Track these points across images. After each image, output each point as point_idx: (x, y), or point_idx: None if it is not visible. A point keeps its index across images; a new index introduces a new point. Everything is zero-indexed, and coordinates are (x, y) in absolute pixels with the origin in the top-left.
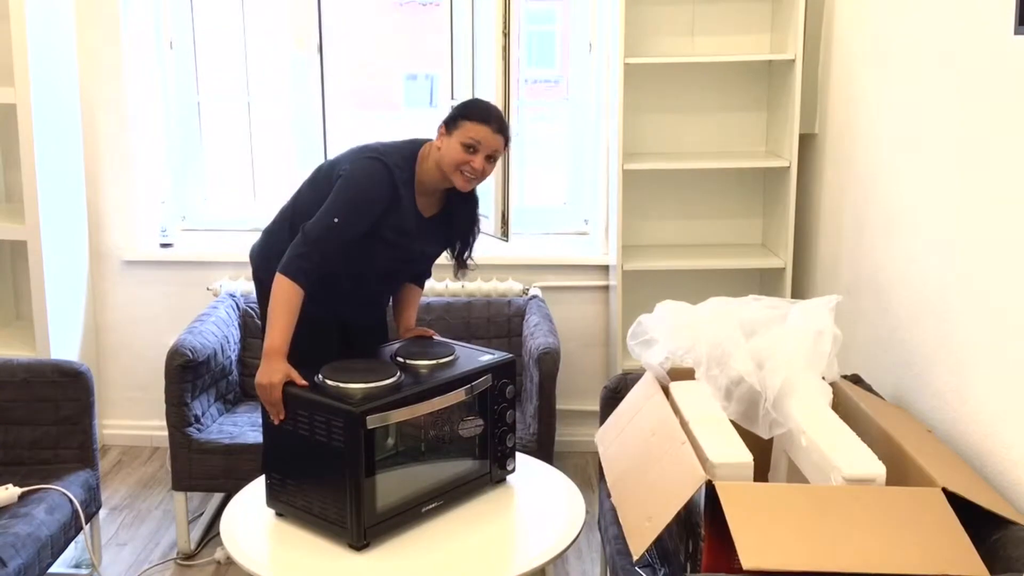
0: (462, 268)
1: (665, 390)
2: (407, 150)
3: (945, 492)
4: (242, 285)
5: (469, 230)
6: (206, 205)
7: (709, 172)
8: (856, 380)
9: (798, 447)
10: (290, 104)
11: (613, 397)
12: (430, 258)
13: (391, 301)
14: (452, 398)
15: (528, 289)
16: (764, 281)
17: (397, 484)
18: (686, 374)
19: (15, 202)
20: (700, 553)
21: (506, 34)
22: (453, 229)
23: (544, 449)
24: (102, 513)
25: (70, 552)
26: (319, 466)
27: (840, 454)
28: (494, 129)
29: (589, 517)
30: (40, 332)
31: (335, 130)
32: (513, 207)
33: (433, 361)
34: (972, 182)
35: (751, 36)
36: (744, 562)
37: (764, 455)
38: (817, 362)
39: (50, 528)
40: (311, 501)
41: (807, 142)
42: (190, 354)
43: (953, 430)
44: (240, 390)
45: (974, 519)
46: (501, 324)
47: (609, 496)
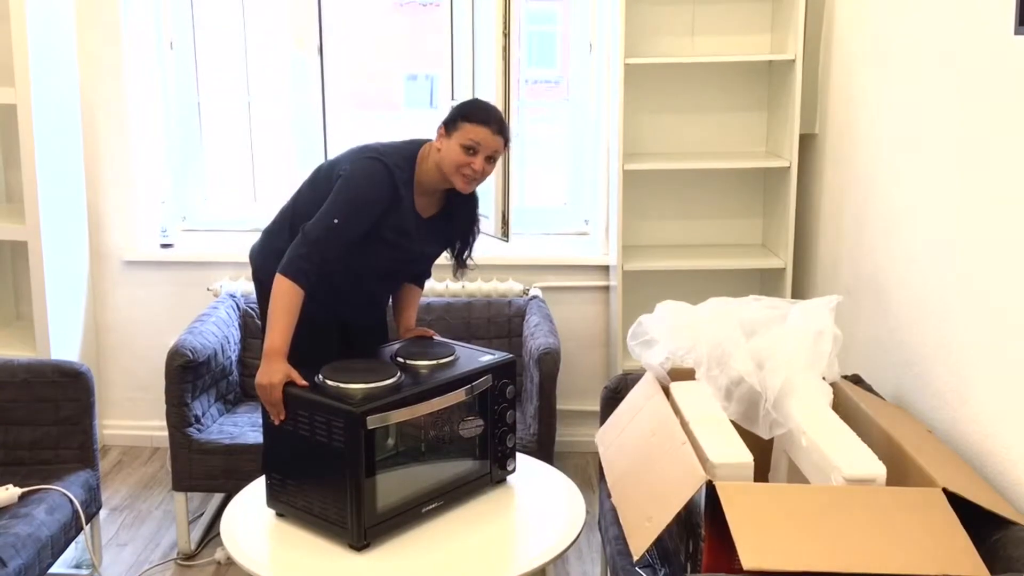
0: (462, 268)
1: (665, 390)
2: (407, 150)
3: (945, 492)
4: (242, 285)
5: (469, 230)
6: (206, 205)
7: (709, 172)
8: (856, 380)
9: (798, 447)
10: (290, 104)
11: (613, 397)
12: (430, 258)
13: (391, 301)
14: (452, 398)
15: (528, 289)
16: (764, 281)
17: (397, 484)
18: (686, 374)
19: (15, 202)
20: (700, 553)
21: (506, 34)
22: (453, 229)
23: (544, 449)
24: (102, 513)
25: (70, 552)
26: (319, 466)
27: (840, 454)
28: (494, 130)
29: (589, 517)
30: (40, 332)
31: (335, 130)
32: (513, 207)
33: (433, 361)
34: (972, 182)
35: (751, 36)
36: (744, 562)
37: (764, 455)
38: (817, 362)
39: (50, 528)
40: (311, 501)
41: (807, 142)
42: (190, 354)
43: (953, 430)
44: (240, 390)
45: (974, 519)
46: (501, 324)
47: (609, 496)
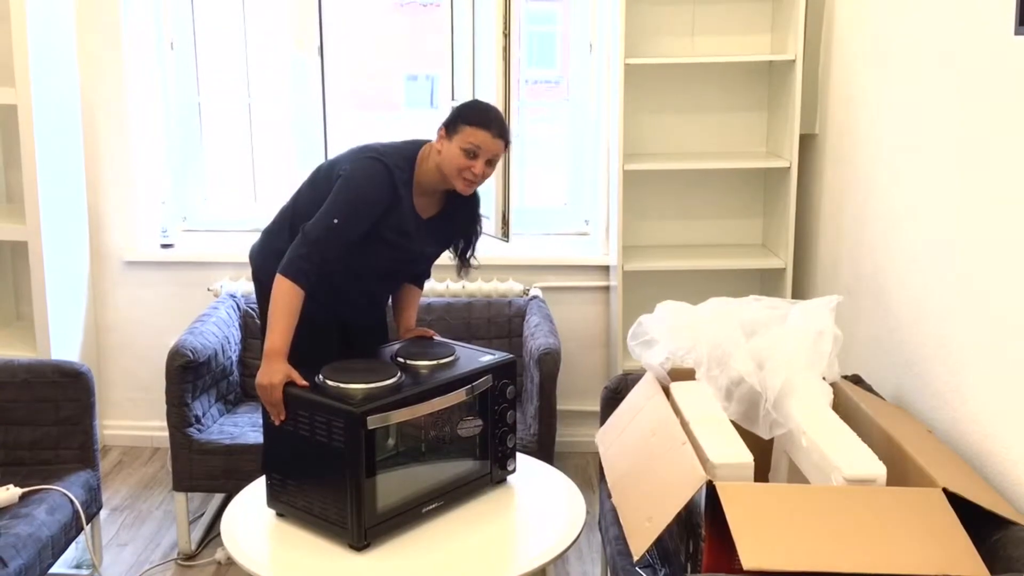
0: (466, 267)
1: (665, 390)
2: (407, 151)
3: (945, 492)
4: (243, 286)
5: (472, 229)
6: (207, 206)
7: (710, 172)
8: (856, 380)
9: (798, 447)
10: (290, 105)
11: (614, 397)
12: (429, 259)
13: (390, 301)
14: (453, 398)
15: (529, 289)
16: (764, 281)
17: (398, 484)
18: (686, 374)
19: (16, 203)
20: (701, 553)
21: (506, 35)
22: (454, 229)
23: (544, 449)
24: (103, 514)
25: (71, 553)
26: (320, 466)
27: (840, 454)
28: (494, 134)
29: (589, 517)
30: (41, 332)
31: (335, 131)
32: (514, 208)
33: (433, 362)
34: (972, 182)
35: (751, 36)
36: (745, 562)
37: (764, 455)
38: (817, 362)
39: (51, 528)
40: (312, 501)
41: (807, 142)
42: (191, 355)
43: (953, 430)
44: (241, 391)
45: (974, 519)
46: (502, 324)
47: (610, 496)
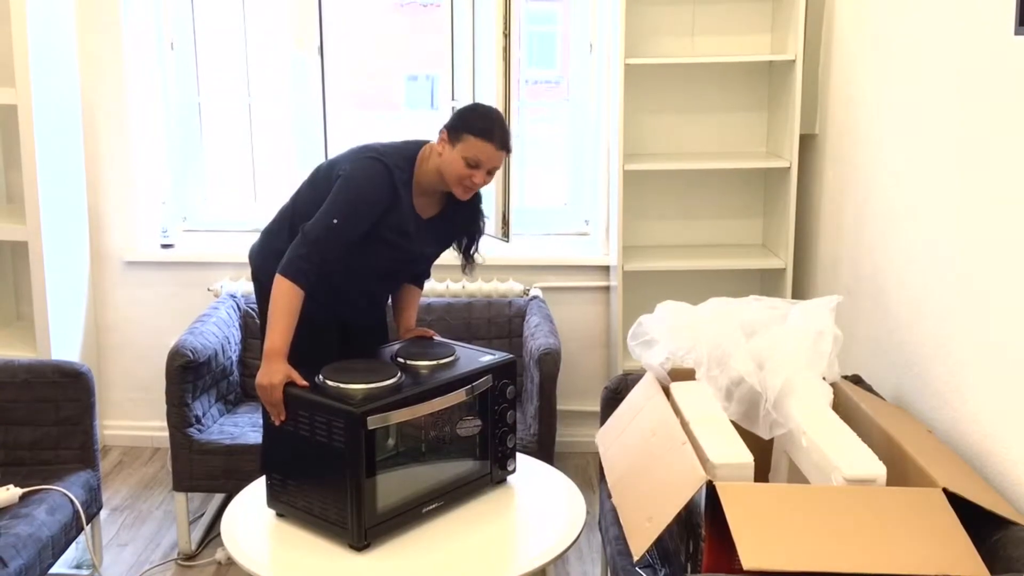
0: (470, 263)
1: (666, 390)
2: (407, 151)
3: (945, 492)
4: (243, 286)
5: (474, 227)
6: (207, 206)
7: (710, 172)
8: (856, 380)
9: (798, 447)
10: (291, 105)
11: (614, 398)
12: (429, 259)
13: (390, 301)
14: (453, 399)
15: (529, 290)
16: (764, 281)
17: (398, 485)
18: (687, 374)
19: (16, 203)
20: (701, 553)
21: (507, 35)
22: (454, 229)
23: (545, 450)
24: (103, 514)
25: (71, 553)
26: (320, 467)
27: (841, 454)
28: (497, 146)
29: (590, 517)
30: (41, 333)
31: (335, 131)
32: (514, 208)
33: (434, 362)
34: (972, 182)
35: (751, 36)
36: (745, 562)
37: (764, 455)
38: (817, 362)
39: (51, 529)
40: (312, 502)
41: (807, 142)
42: (191, 355)
43: (953, 430)
44: (241, 391)
45: (974, 519)
46: (502, 325)
47: (610, 496)
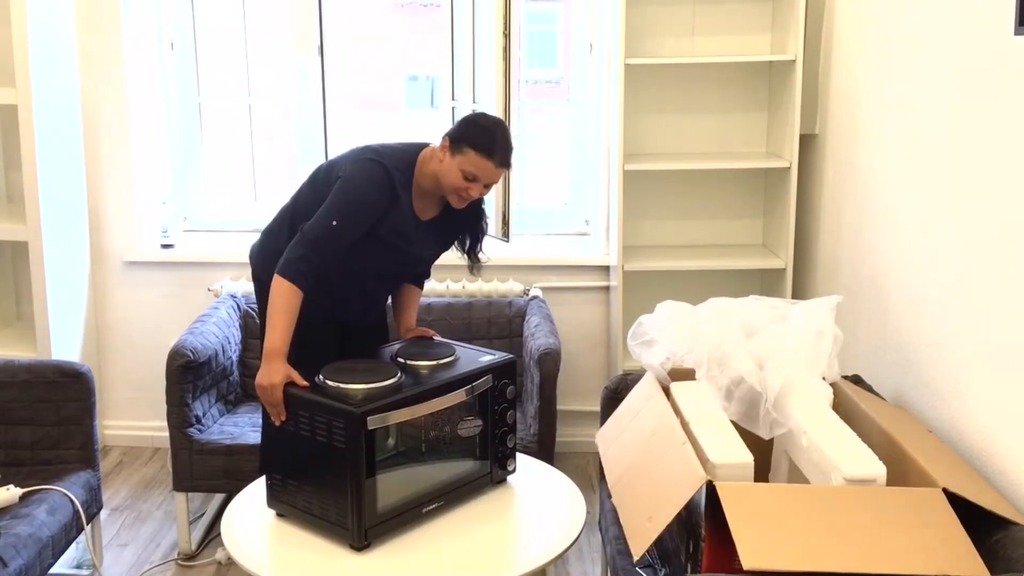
0: (476, 263)
1: (666, 390)
2: (407, 153)
3: (945, 492)
4: (243, 286)
5: (477, 225)
6: (207, 206)
7: (710, 173)
8: (856, 380)
9: (799, 447)
10: (291, 105)
11: (614, 398)
12: (429, 260)
13: (390, 301)
14: (453, 399)
15: (529, 290)
16: (765, 281)
17: (398, 485)
18: (687, 374)
19: (16, 203)
20: (701, 553)
21: (507, 35)
22: (453, 230)
23: (545, 449)
24: (103, 514)
25: (71, 553)
26: (320, 467)
27: (841, 454)
28: (497, 163)
29: (590, 517)
30: (41, 333)
31: (336, 131)
32: (514, 208)
33: (434, 362)
34: (972, 182)
35: (751, 36)
36: (745, 562)
37: (764, 455)
38: (818, 362)
39: (51, 529)
40: (312, 502)
41: (807, 142)
42: (191, 355)
43: (953, 430)
44: (241, 391)
45: (974, 519)
46: (502, 325)
47: (610, 496)
